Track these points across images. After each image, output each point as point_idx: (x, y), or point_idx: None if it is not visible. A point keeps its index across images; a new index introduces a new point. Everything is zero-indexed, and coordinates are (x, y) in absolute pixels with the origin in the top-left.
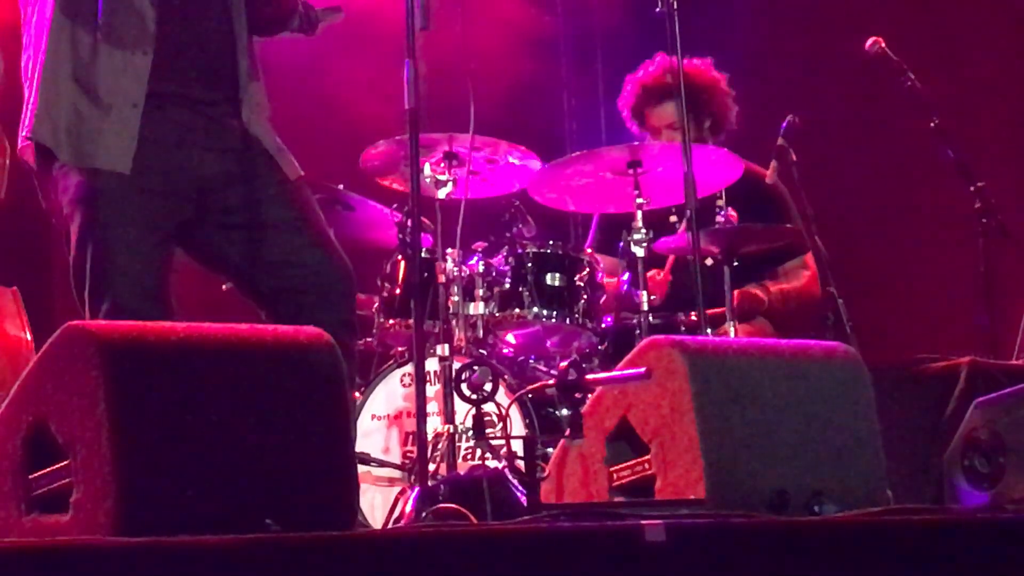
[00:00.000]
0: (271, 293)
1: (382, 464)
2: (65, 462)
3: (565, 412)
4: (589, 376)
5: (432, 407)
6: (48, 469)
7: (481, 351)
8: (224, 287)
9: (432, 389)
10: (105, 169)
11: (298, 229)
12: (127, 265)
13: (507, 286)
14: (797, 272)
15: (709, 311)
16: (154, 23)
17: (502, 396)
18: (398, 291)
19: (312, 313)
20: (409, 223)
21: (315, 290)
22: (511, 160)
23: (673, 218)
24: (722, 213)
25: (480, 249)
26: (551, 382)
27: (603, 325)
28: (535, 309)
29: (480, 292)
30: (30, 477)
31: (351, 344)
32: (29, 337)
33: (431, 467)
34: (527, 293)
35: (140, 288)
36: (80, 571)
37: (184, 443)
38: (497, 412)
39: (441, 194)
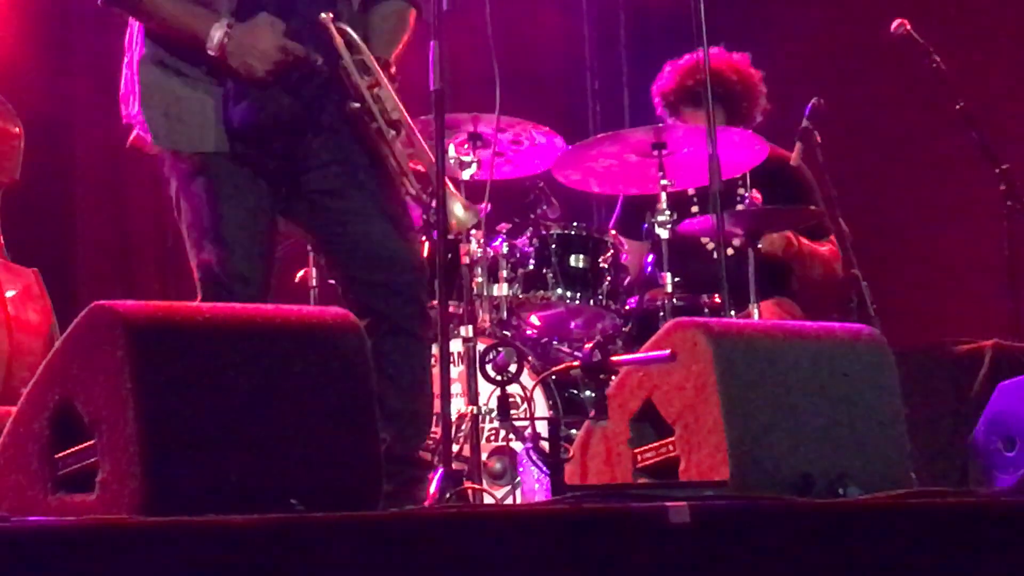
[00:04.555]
0: (346, 278)
1: None
2: (91, 441)
3: (589, 394)
4: (613, 358)
5: (456, 388)
6: (74, 448)
7: (505, 332)
8: None
9: (456, 370)
10: (201, 151)
11: (378, 217)
12: (225, 241)
13: (531, 267)
14: (822, 244)
15: None
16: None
17: (526, 378)
18: None
19: (384, 302)
20: (433, 204)
21: (388, 281)
22: (536, 141)
23: (695, 208)
24: (746, 196)
25: (504, 230)
26: (576, 364)
27: (627, 307)
28: (559, 290)
29: (504, 273)
30: (56, 456)
31: (422, 333)
32: (52, 318)
33: (455, 448)
34: (551, 274)
35: (242, 255)
36: (105, 550)
37: (209, 423)
38: (521, 393)
39: (465, 175)
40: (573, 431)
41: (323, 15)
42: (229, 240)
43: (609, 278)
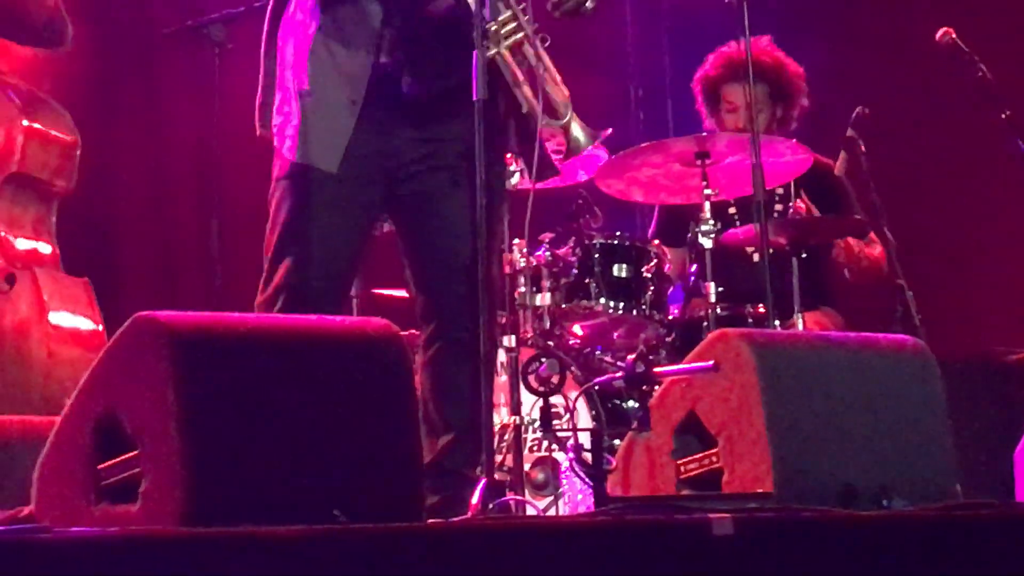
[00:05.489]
0: (420, 285)
1: None
2: (134, 452)
3: (632, 404)
4: (657, 368)
5: (499, 398)
6: (117, 459)
7: (548, 342)
8: None
9: (499, 380)
10: (313, 166)
11: (466, 227)
12: (308, 254)
13: (574, 277)
14: (871, 244)
15: None
16: (380, 21)
17: (569, 388)
18: None
19: (449, 314)
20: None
21: (457, 294)
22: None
23: (732, 210)
24: (790, 205)
25: (547, 240)
26: (618, 374)
27: (670, 316)
28: (602, 300)
29: (547, 283)
30: (99, 467)
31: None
32: (101, 328)
33: (498, 458)
34: (594, 284)
35: (317, 273)
36: (148, 560)
37: (252, 433)
38: (564, 404)
39: (508, 185)
40: (616, 442)
41: None
42: (301, 253)
43: (652, 288)
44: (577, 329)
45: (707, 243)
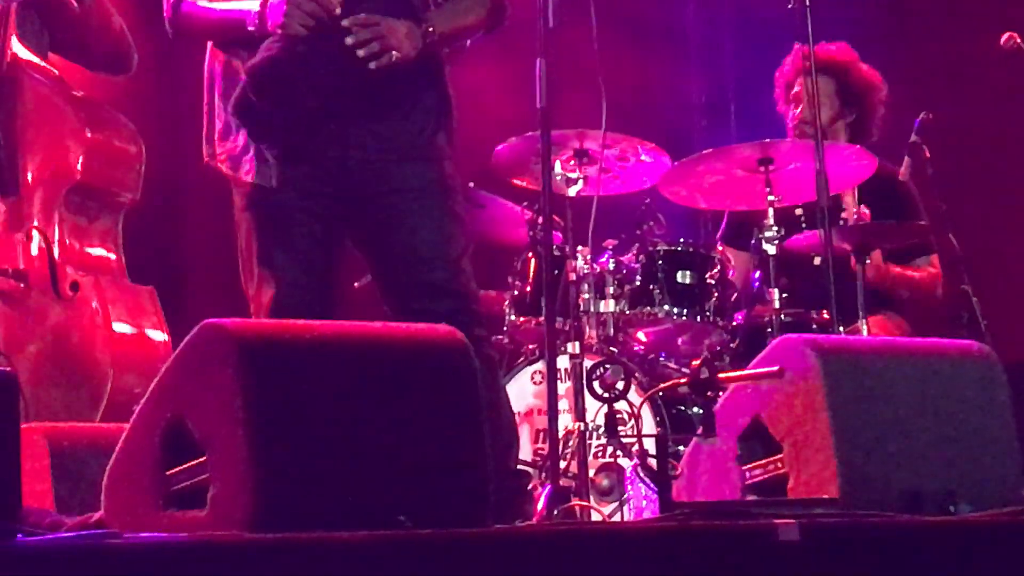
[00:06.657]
0: (397, 308)
1: None
2: (202, 458)
3: (697, 410)
4: (721, 374)
5: (563, 404)
6: (185, 465)
7: (612, 349)
8: (356, 284)
9: (563, 387)
10: (257, 183)
11: (429, 245)
12: (281, 269)
13: (638, 284)
14: (921, 267)
15: None
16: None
17: (633, 394)
18: (529, 288)
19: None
20: (540, 221)
21: (433, 309)
22: (642, 157)
23: (799, 211)
24: (855, 212)
25: (611, 247)
26: (683, 380)
27: (734, 322)
28: (666, 307)
29: (611, 290)
30: (168, 473)
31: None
32: (166, 336)
33: (563, 465)
34: (658, 291)
35: (296, 286)
36: (216, 565)
37: (319, 440)
38: (629, 410)
39: (572, 192)
40: (680, 448)
41: None
42: (273, 274)
43: (716, 294)
44: (641, 335)
45: (771, 249)
